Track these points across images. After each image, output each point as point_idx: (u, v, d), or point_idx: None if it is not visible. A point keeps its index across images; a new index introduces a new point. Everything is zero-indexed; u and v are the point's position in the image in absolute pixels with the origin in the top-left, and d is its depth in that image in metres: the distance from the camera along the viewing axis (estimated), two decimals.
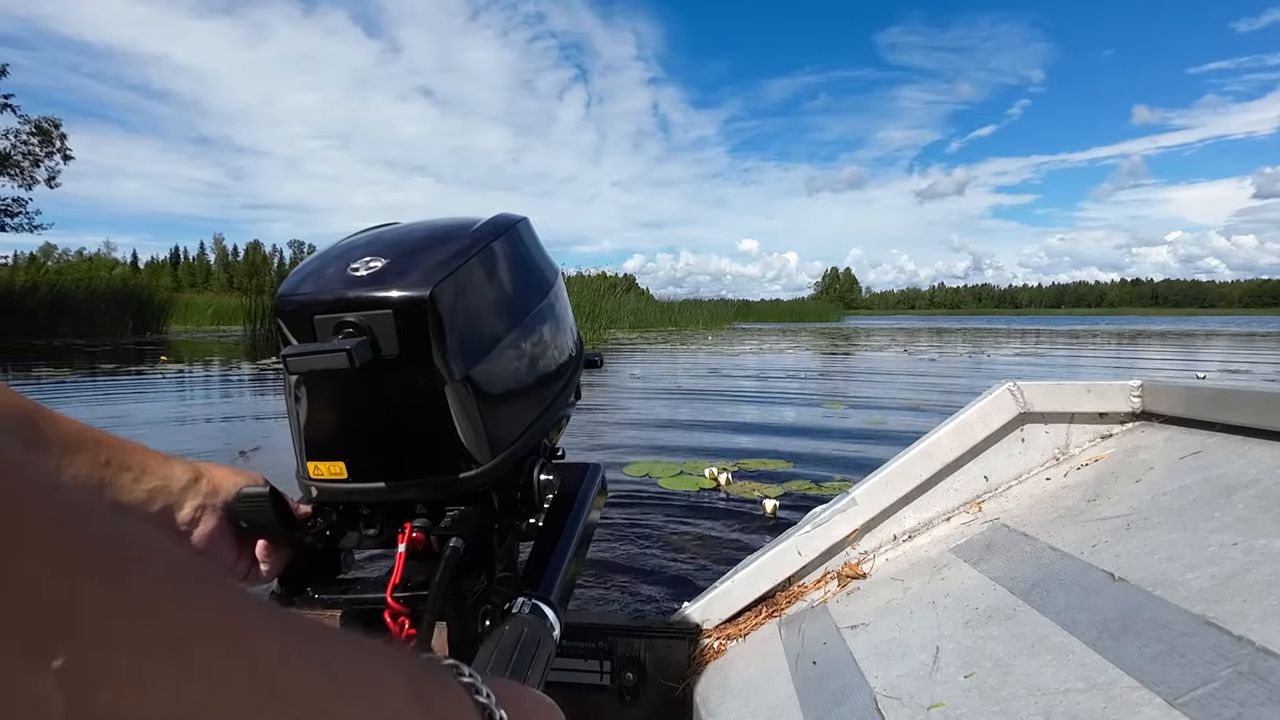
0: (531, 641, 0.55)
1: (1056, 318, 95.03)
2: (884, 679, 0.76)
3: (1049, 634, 0.68)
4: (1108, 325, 41.57)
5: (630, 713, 1.07)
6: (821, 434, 5.07)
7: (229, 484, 0.62)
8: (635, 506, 3.25)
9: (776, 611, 1.08)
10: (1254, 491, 0.75)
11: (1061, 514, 0.94)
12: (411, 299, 0.55)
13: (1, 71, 21.34)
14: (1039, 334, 26.20)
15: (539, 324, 0.69)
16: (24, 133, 22.14)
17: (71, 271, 36.42)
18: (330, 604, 0.61)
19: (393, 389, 0.57)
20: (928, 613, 0.85)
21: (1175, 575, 0.66)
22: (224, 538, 0.62)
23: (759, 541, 2.73)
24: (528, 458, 0.66)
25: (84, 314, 22.40)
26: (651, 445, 4.65)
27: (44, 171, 22.73)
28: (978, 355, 13.61)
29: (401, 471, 0.59)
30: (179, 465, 0.60)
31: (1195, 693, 0.52)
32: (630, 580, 2.46)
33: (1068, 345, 17.84)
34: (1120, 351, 15.49)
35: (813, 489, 3.50)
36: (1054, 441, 1.13)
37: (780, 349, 16.34)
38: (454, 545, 0.57)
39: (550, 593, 0.61)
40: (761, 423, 5.79)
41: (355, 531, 0.64)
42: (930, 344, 18.38)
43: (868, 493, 1.11)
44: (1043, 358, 13.17)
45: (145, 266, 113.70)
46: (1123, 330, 30.67)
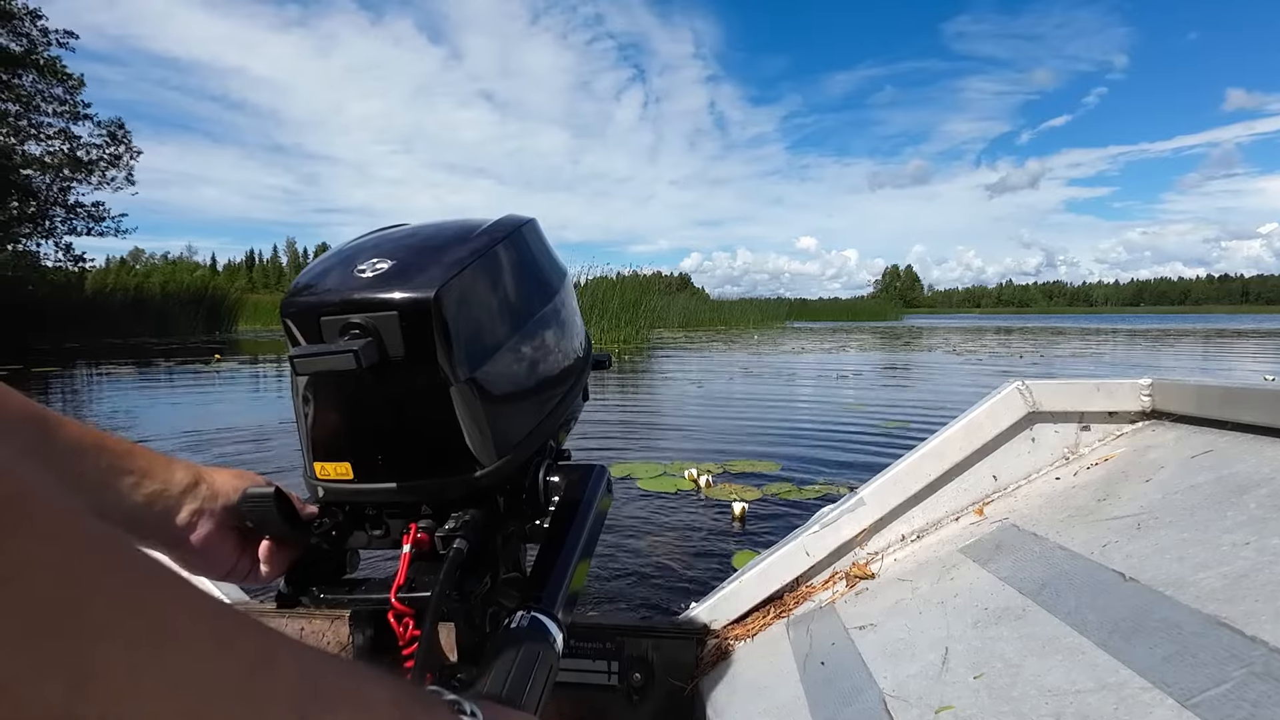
0: (530, 658, 0.55)
1: (1133, 316, 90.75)
2: (893, 679, 0.76)
3: (1059, 634, 0.68)
4: (1189, 324, 39.49)
5: (638, 712, 1.07)
6: (819, 435, 5.00)
7: (229, 487, 0.63)
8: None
9: (784, 612, 1.08)
10: (1266, 491, 0.74)
11: (1071, 513, 0.93)
12: (417, 300, 0.55)
13: (80, 82, 22.80)
14: (1113, 333, 24.92)
15: (546, 325, 0.69)
16: (100, 137, 23.77)
17: (156, 274, 38.44)
18: (336, 604, 0.62)
19: (399, 390, 0.57)
20: (937, 613, 0.85)
21: (1187, 575, 0.66)
22: (222, 540, 0.62)
23: (721, 547, 2.72)
24: (534, 459, 0.66)
25: (161, 315, 23.82)
26: (644, 445, 4.64)
27: (121, 170, 24.27)
28: (1031, 356, 13.01)
29: (407, 472, 0.60)
30: (180, 469, 0.60)
31: (1208, 693, 0.51)
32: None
33: (1134, 345, 16.87)
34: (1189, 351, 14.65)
35: (793, 492, 3.44)
36: (1063, 441, 1.12)
37: (822, 349, 16.09)
38: (458, 546, 0.57)
39: (553, 603, 0.61)
40: (760, 423, 5.70)
41: (361, 532, 0.64)
42: (984, 344, 17.72)
43: (876, 493, 1.10)
44: (1102, 359, 12.46)
45: (223, 269, 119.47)
46: (1204, 329, 29.02)
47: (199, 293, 27.78)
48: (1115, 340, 19.45)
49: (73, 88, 22.58)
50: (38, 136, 22.45)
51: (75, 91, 22.70)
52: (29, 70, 21.59)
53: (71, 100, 22.66)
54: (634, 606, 2.27)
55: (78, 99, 22.81)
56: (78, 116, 22.99)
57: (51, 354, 13.20)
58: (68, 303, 21.65)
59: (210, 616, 0.22)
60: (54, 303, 20.99)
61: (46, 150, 22.77)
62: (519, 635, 0.57)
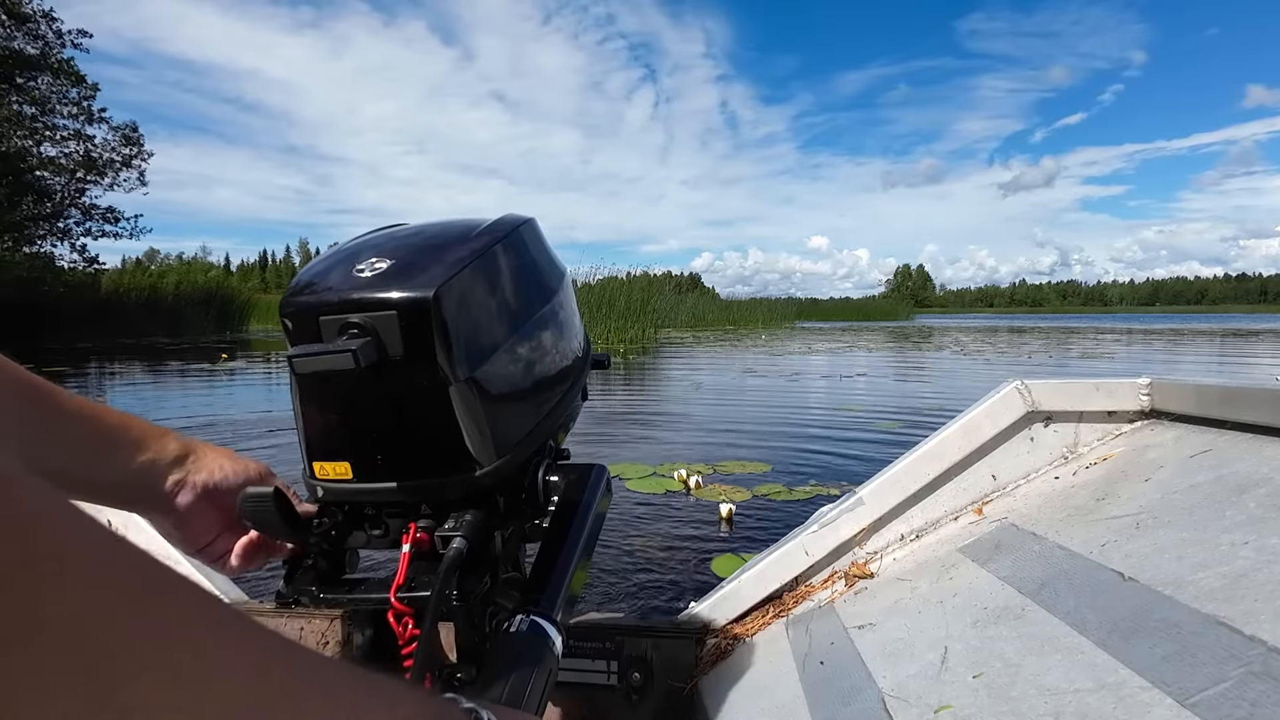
0: (529, 662, 0.55)
1: (1148, 316, 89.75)
2: (892, 679, 0.76)
3: (1058, 634, 0.68)
4: (1205, 324, 38.91)
5: (637, 712, 1.07)
6: (813, 436, 4.97)
7: (216, 465, 0.63)
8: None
9: (784, 611, 1.08)
10: (1265, 490, 0.74)
11: (1070, 513, 0.93)
12: (416, 300, 0.55)
13: (94, 88, 23.39)
14: (1128, 333, 24.58)
15: (545, 324, 0.69)
16: (114, 140, 24.22)
17: (171, 275, 38.82)
18: (335, 604, 0.62)
19: (398, 390, 0.57)
20: (936, 613, 0.85)
21: (1186, 575, 0.66)
22: (201, 514, 0.63)
23: (704, 549, 2.70)
24: (533, 458, 0.66)
25: (174, 315, 24.08)
26: (636, 446, 4.62)
27: (134, 171, 24.67)
28: (1040, 356, 12.88)
29: (406, 472, 0.60)
30: (173, 441, 0.61)
31: (1206, 693, 0.51)
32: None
33: (1148, 345, 16.57)
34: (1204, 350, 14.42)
35: (783, 493, 3.41)
36: (1062, 440, 1.12)
37: (828, 349, 15.99)
38: (457, 546, 0.57)
39: (552, 605, 0.61)
40: (756, 423, 5.66)
41: (360, 531, 0.64)
42: (993, 344, 17.52)
43: (875, 492, 1.10)
44: (1114, 358, 12.32)
45: (237, 269, 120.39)
46: (1220, 329, 28.37)
47: (210, 293, 28.06)
48: (1130, 340, 19.21)
49: (88, 95, 23.00)
50: (53, 138, 22.81)
51: (90, 98, 23.17)
52: (44, 72, 21.89)
53: (86, 106, 23.01)
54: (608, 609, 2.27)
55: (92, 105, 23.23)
56: (92, 119, 23.35)
57: (63, 354, 13.29)
58: (81, 303, 22.01)
59: (249, 643, 0.23)
60: (68, 303, 21.32)
61: (61, 152, 23.16)
62: (518, 639, 0.57)
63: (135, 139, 24.29)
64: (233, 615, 0.23)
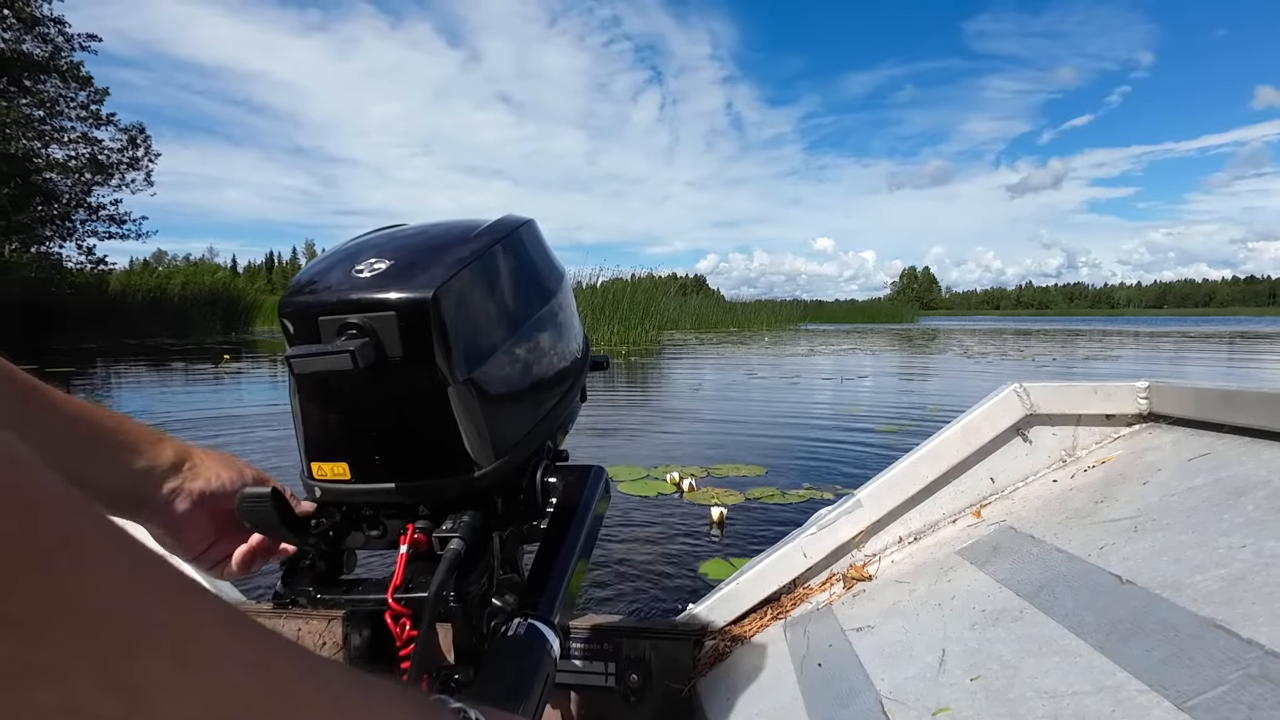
0: (527, 666, 0.55)
1: (1155, 318, 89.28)
2: (890, 681, 0.76)
3: (1056, 636, 0.68)
4: (1212, 326, 38.61)
5: (636, 714, 1.07)
6: (809, 439, 4.93)
7: (213, 471, 0.63)
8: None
9: (782, 614, 1.08)
10: (1263, 493, 0.74)
11: (1068, 516, 0.93)
12: (414, 300, 0.55)
13: (105, 92, 23.71)
14: (1135, 335, 24.36)
15: (544, 325, 0.69)
16: (121, 141, 24.49)
17: (177, 275, 39.01)
18: (332, 604, 0.61)
19: (396, 390, 0.57)
20: (934, 615, 0.85)
21: (1184, 577, 0.66)
22: (196, 522, 0.62)
23: (694, 553, 2.69)
24: (532, 459, 0.66)
25: (179, 315, 24.21)
26: (631, 447, 4.59)
27: (141, 173, 24.93)
28: (1043, 359, 12.71)
29: (404, 473, 0.59)
30: (169, 446, 0.61)
31: (1204, 696, 0.51)
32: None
33: (1154, 348, 16.35)
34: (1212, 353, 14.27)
35: (776, 496, 3.38)
36: (1061, 443, 1.12)
37: (831, 351, 15.89)
38: (454, 547, 0.57)
39: (550, 608, 0.61)
40: (752, 426, 5.61)
41: (358, 532, 0.64)
42: (997, 346, 17.35)
43: (873, 495, 1.10)
44: (1119, 361, 12.19)
45: (244, 270, 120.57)
46: (1228, 331, 27.93)
47: (216, 294, 28.23)
48: (1136, 343, 18.98)
49: (97, 99, 23.19)
50: (60, 140, 22.97)
51: (99, 102, 23.41)
52: (51, 75, 22.05)
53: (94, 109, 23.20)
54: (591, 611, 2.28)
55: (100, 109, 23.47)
56: (100, 121, 23.51)
57: (67, 354, 13.31)
58: (88, 304, 22.20)
59: (251, 639, 0.23)
60: (74, 304, 21.47)
61: (69, 154, 23.40)
62: (516, 643, 0.58)
63: (141, 140, 24.54)
64: (233, 611, 0.23)
